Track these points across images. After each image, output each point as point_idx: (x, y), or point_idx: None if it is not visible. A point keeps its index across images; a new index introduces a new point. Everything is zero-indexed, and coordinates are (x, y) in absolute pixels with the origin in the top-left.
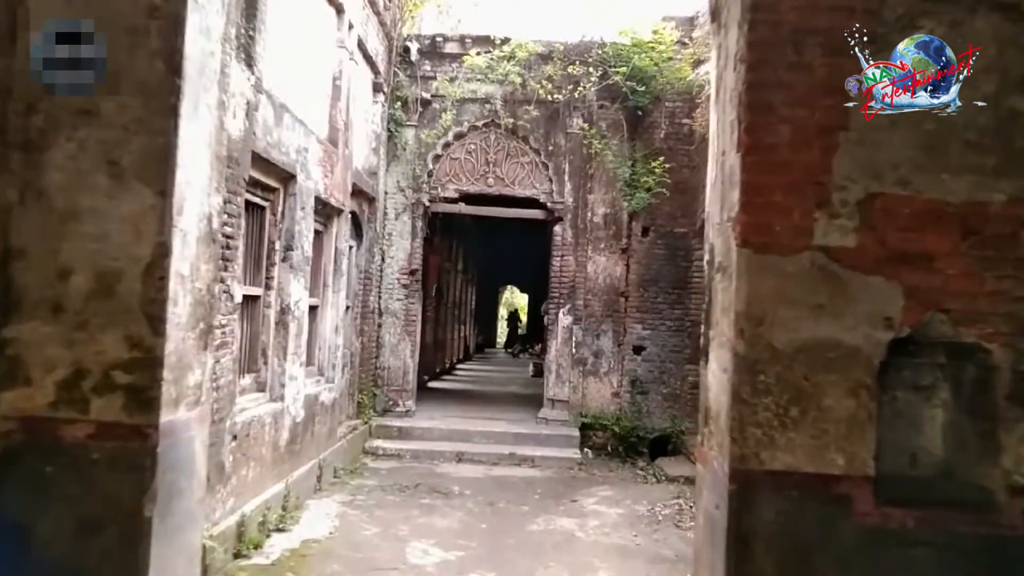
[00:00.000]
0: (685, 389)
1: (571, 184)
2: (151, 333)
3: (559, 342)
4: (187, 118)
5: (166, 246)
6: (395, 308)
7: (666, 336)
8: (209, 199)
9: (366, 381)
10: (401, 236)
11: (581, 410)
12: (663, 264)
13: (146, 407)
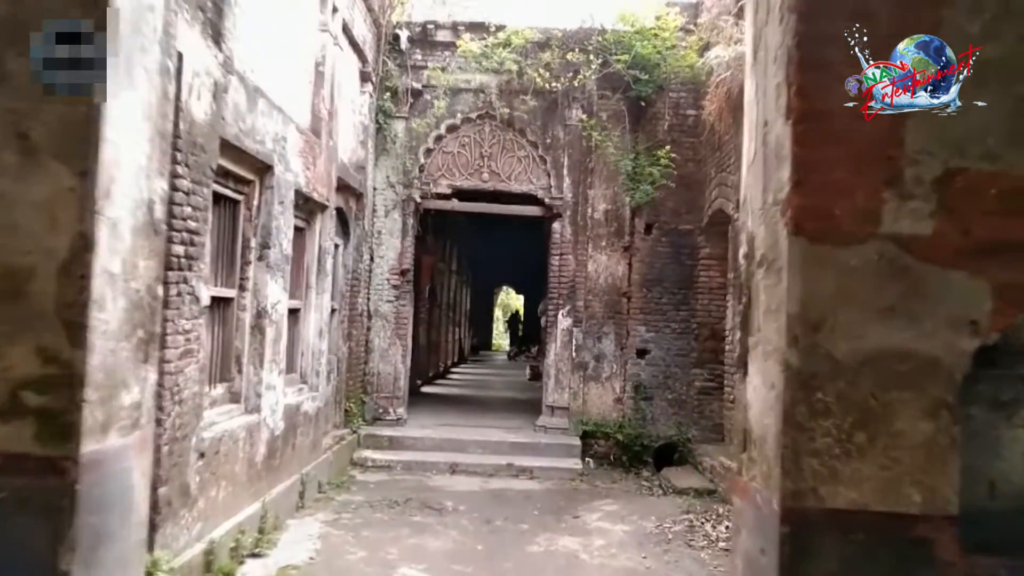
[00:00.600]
0: (691, 395)
1: (570, 179)
2: (69, 344)
3: (558, 345)
4: (117, 83)
5: (88, 237)
6: (385, 310)
7: (671, 339)
8: (150, 183)
9: (354, 388)
10: (391, 234)
11: (582, 417)
12: (667, 263)
13: (63, 435)
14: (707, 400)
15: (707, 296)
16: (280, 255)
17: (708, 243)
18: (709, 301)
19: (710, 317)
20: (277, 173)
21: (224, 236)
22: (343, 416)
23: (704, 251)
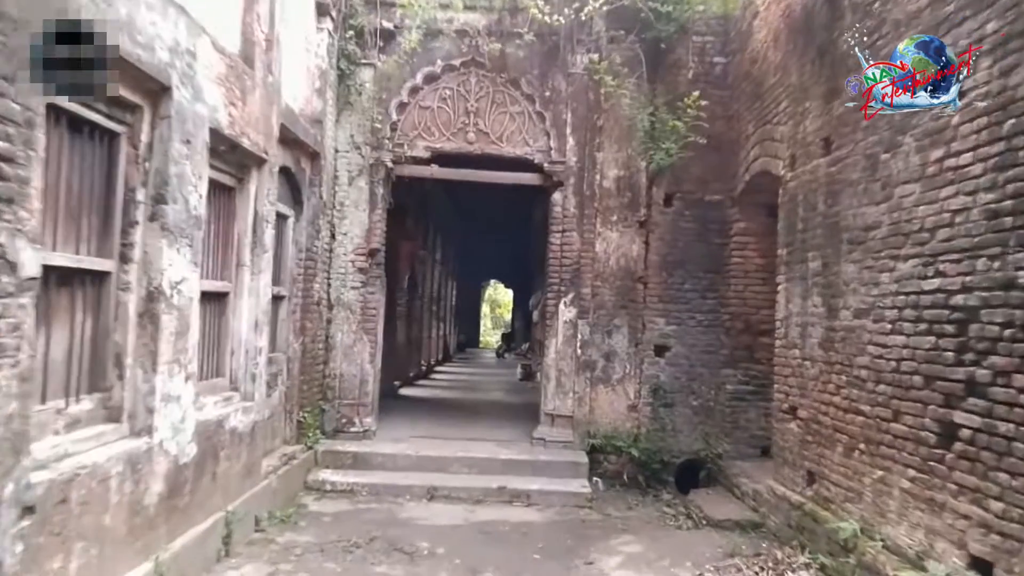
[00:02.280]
0: (721, 401)
1: (574, 139)
2: None
3: (559, 341)
4: None
5: None
6: (349, 299)
7: (696, 333)
8: None
9: (310, 394)
10: (356, 206)
11: (589, 428)
12: (692, 241)
13: None
14: (741, 407)
15: (741, 281)
16: (186, 216)
17: (743, 216)
18: (744, 287)
19: (745, 306)
20: (179, 100)
21: (89, 180)
22: (294, 429)
23: (737, 226)
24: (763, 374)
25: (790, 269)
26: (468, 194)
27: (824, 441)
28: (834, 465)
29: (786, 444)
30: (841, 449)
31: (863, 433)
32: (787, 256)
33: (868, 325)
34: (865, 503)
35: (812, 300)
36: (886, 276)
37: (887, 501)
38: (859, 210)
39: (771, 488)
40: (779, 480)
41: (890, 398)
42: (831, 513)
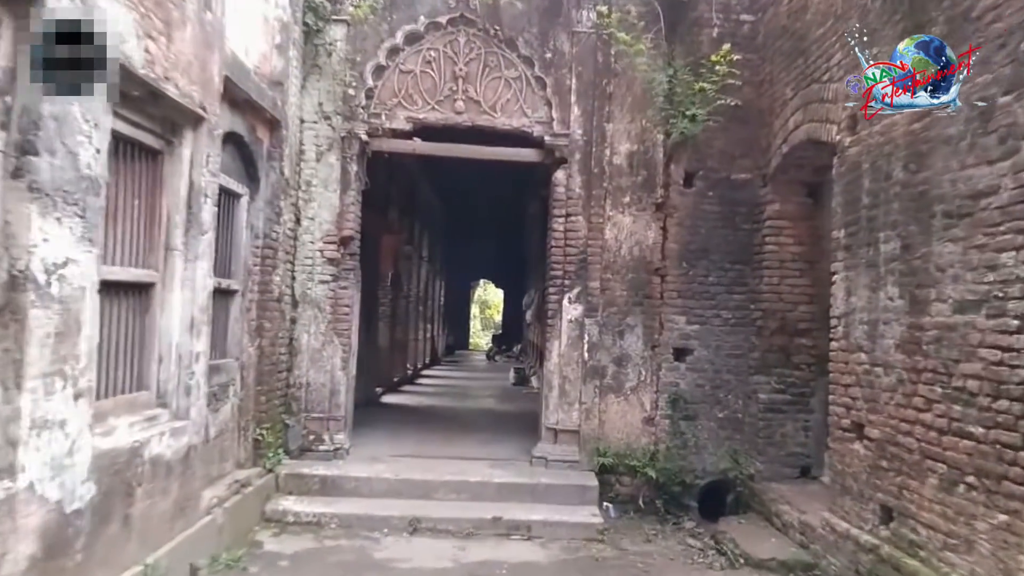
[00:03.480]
0: (753, 412)
1: (580, 108)
2: None
3: (563, 343)
4: None
5: None
6: (317, 295)
7: (722, 333)
8: None
9: (270, 407)
10: (326, 186)
11: (598, 445)
12: (716, 226)
13: None
14: (776, 420)
15: (775, 272)
16: (73, 175)
17: (777, 196)
18: (779, 279)
19: (780, 302)
20: (54, 7)
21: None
22: (250, 449)
23: (771, 208)
24: (802, 381)
25: (852, 254)
26: (456, 183)
27: (908, 469)
28: (925, 501)
29: (848, 469)
30: (936, 481)
31: (973, 463)
32: (847, 239)
33: (980, 322)
34: (979, 555)
35: (886, 291)
36: (1008, 257)
37: (1018, 557)
38: (962, 173)
39: (827, 522)
40: (838, 513)
41: (1019, 418)
42: (922, 563)
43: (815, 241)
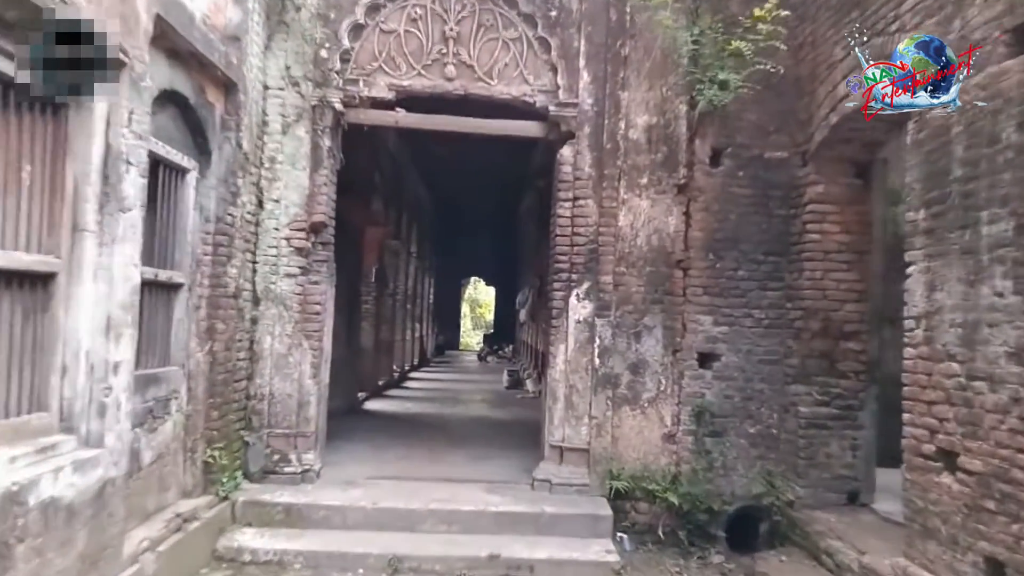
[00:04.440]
0: (790, 427)
1: (590, 74)
2: None
3: (570, 347)
4: None
5: None
6: (283, 290)
7: (754, 336)
8: None
9: (225, 422)
10: (293, 163)
11: (610, 465)
12: (748, 212)
13: None
14: (820, 438)
15: (818, 265)
16: None
17: (821, 177)
18: (822, 273)
19: (823, 300)
20: None
21: None
22: (199, 473)
23: (812, 191)
24: (849, 392)
25: (937, 240)
26: (446, 171)
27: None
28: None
29: (932, 507)
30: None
31: None
32: (929, 221)
33: None
34: None
35: (992, 285)
36: None
37: None
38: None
39: (904, 571)
40: (918, 560)
41: None
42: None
43: (864, 229)
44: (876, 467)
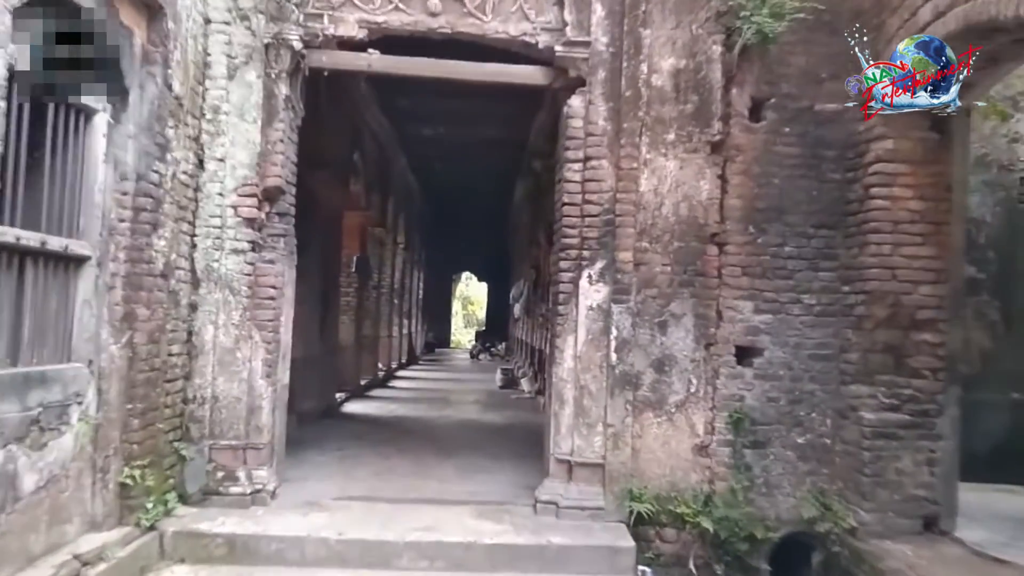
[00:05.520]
0: (850, 437)
1: (604, 8)
2: None
3: (580, 340)
4: None
5: None
6: (229, 270)
7: (803, 326)
8: None
9: (151, 432)
10: (242, 115)
11: (630, 484)
12: (795, 175)
13: None
14: (888, 449)
15: (886, 239)
16: None
17: (889, 131)
18: (891, 249)
19: (892, 281)
20: None
21: None
22: (112, 499)
23: (879, 148)
24: (925, 394)
25: None
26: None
27: None
28: None
29: None
30: None
31: None
32: None
33: None
34: None
35: None
36: None
37: None
38: None
39: None
40: None
41: None
42: None
43: (942, 194)
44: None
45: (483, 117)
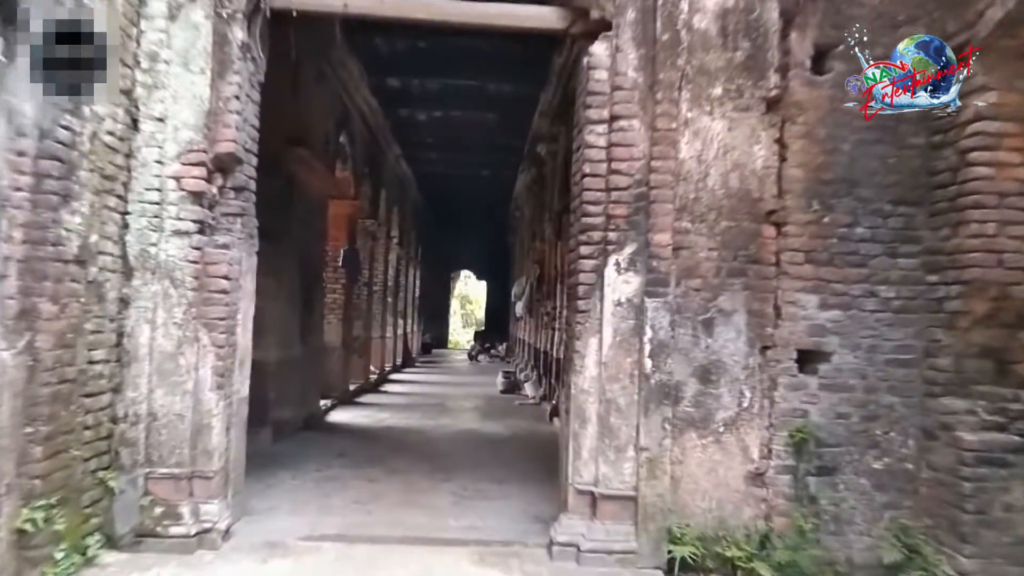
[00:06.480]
0: (943, 462)
1: None
2: None
3: (606, 342)
4: None
5: None
6: (169, 258)
7: (880, 325)
8: None
9: (63, 461)
10: (186, 64)
11: (669, 520)
12: (869, 140)
13: None
14: (995, 478)
15: (991, 215)
16: None
17: (993, 81)
18: (997, 228)
19: (997, 268)
20: None
21: None
22: (5, 549)
23: (980, 103)
24: None
25: None
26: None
27: None
28: None
29: None
30: None
31: None
32: None
33: None
34: None
35: None
36: None
37: None
38: None
39: None
40: None
41: None
42: None
43: None
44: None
45: (482, 98)
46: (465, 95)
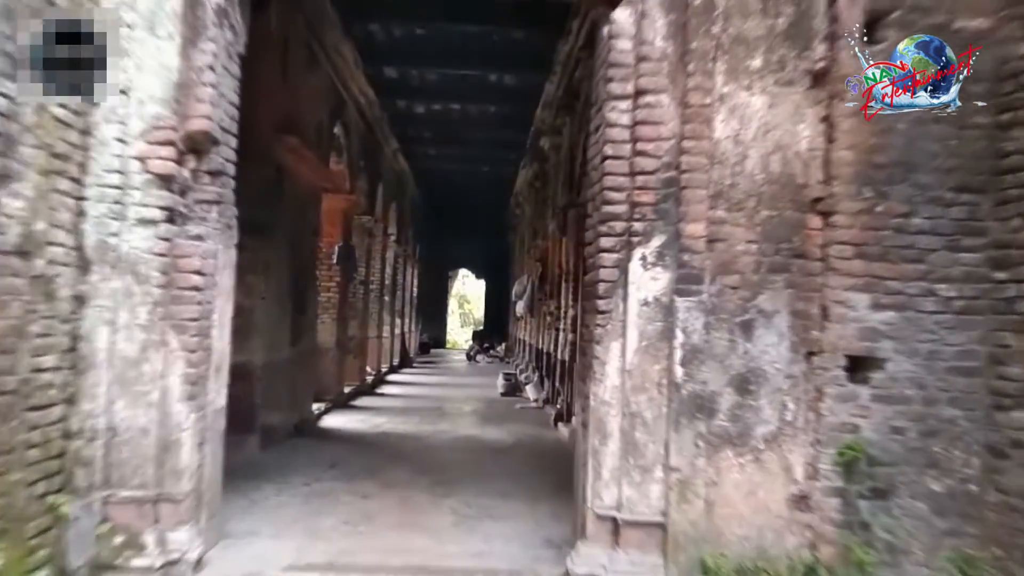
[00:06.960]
0: (1012, 485)
1: None
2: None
3: (630, 347)
4: None
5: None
6: (132, 250)
7: (939, 327)
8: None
9: (3, 486)
10: (152, 28)
11: (702, 549)
12: (927, 118)
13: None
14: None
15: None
16: None
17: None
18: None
19: None
20: None
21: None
22: None
23: None
24: None
25: None
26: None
27: None
28: None
29: None
30: None
31: None
32: None
33: None
34: None
35: None
36: None
37: None
38: None
39: None
40: None
41: None
42: None
43: None
44: None
45: (483, 89)
46: (465, 86)
